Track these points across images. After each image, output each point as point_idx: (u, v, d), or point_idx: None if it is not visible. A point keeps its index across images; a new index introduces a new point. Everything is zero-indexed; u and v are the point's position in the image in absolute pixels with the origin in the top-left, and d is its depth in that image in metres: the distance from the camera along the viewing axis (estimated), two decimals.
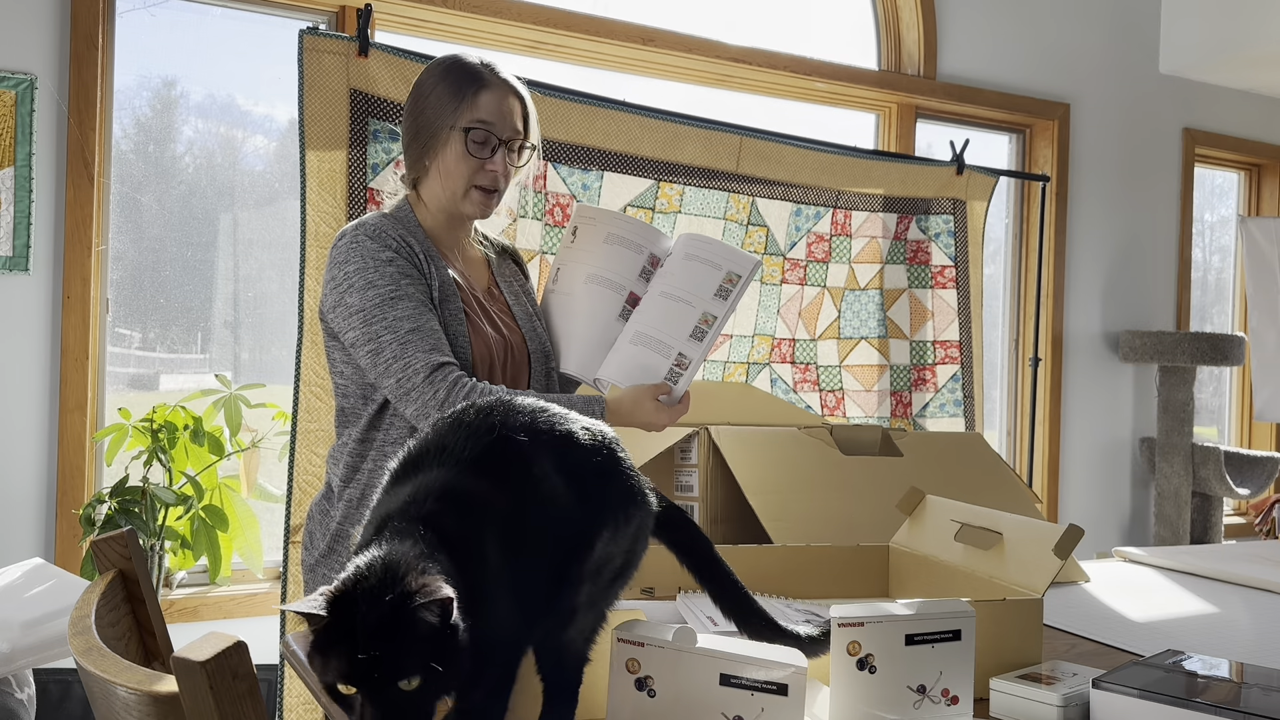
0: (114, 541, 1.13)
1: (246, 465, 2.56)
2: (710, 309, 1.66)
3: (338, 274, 1.58)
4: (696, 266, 1.69)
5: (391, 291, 1.54)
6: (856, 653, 1.05)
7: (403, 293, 1.54)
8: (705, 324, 1.66)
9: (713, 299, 1.66)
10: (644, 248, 1.75)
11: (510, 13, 2.89)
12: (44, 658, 1.98)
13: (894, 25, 3.64)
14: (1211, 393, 4.75)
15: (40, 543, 2.45)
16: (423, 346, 1.52)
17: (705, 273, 1.68)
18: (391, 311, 1.53)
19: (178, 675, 0.74)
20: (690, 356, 1.66)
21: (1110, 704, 1.05)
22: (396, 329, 1.53)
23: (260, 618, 2.62)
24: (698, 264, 1.69)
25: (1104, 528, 4.13)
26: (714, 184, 2.90)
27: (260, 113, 2.88)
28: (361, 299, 1.54)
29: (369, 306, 1.54)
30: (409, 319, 1.53)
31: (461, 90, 1.62)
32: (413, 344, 1.52)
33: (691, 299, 1.67)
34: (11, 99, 2.40)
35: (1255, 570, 1.96)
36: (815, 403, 3.20)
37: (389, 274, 1.55)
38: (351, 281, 1.56)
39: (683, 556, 1.12)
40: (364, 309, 1.54)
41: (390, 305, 1.54)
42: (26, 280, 2.43)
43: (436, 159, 1.64)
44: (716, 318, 1.65)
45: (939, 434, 2.26)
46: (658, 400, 1.64)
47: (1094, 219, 4.07)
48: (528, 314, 1.76)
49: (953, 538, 1.47)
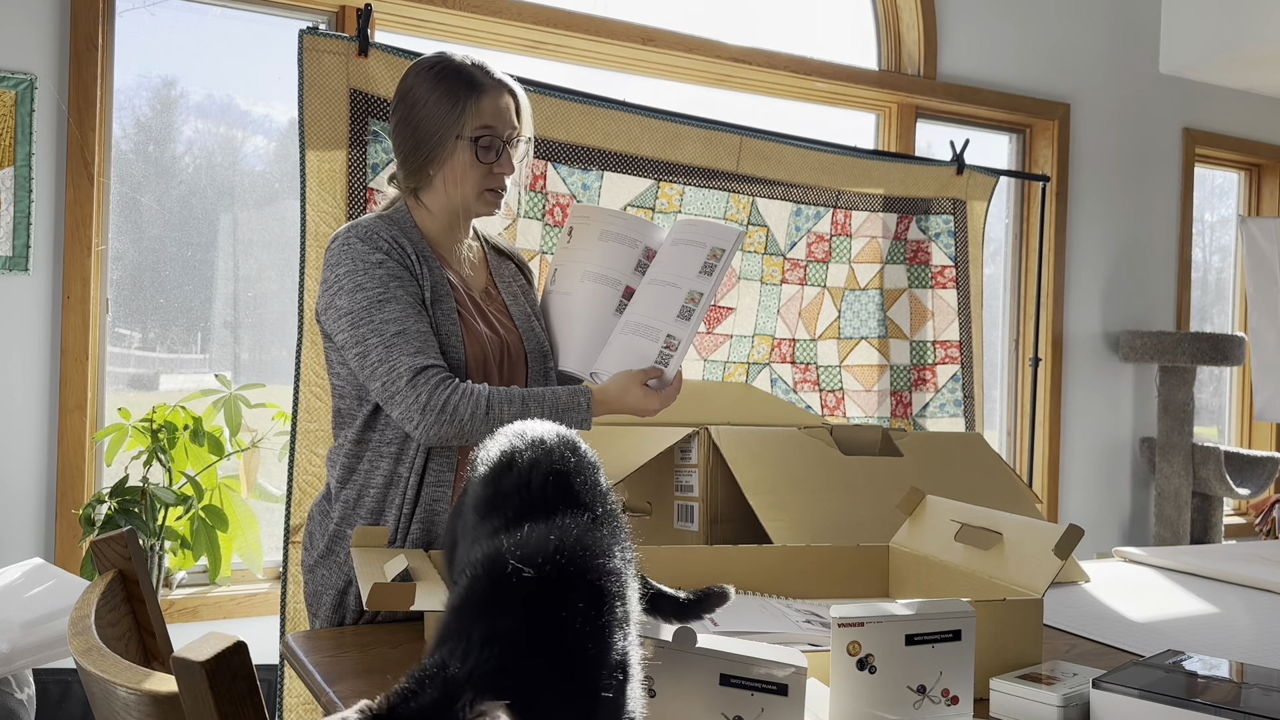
0: (114, 541, 1.13)
1: (246, 465, 2.56)
2: (696, 287, 1.66)
3: (329, 276, 1.59)
4: (683, 249, 1.69)
5: (379, 294, 1.54)
6: (856, 653, 1.05)
7: (390, 295, 1.55)
8: (691, 302, 1.65)
9: (698, 277, 1.66)
10: (638, 241, 1.75)
11: (510, 13, 2.89)
12: (44, 658, 1.98)
13: (894, 25, 3.64)
14: (1211, 393, 4.75)
15: (40, 543, 2.45)
16: (407, 349, 1.52)
17: (690, 253, 1.68)
18: (378, 314, 1.54)
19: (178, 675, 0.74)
20: (679, 336, 1.64)
21: (1110, 704, 1.05)
22: (382, 332, 1.53)
23: (260, 618, 2.62)
24: (684, 246, 1.70)
25: (1104, 528, 4.13)
26: (714, 184, 2.90)
27: (260, 113, 2.88)
28: (350, 301, 1.55)
29: (357, 309, 1.55)
30: (395, 321, 1.54)
31: (461, 97, 1.61)
32: (398, 347, 1.52)
33: (678, 280, 1.67)
34: (11, 99, 2.40)
35: (1255, 570, 1.96)
36: (815, 403, 3.20)
37: (378, 276, 1.55)
38: (341, 284, 1.56)
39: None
40: (352, 311, 1.55)
41: (377, 308, 1.54)
42: (26, 280, 2.43)
43: (443, 168, 1.63)
44: (702, 294, 1.64)
45: (939, 434, 2.26)
46: (646, 385, 1.64)
47: (1094, 219, 4.07)
48: (525, 314, 1.76)
49: (953, 538, 1.47)
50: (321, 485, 2.27)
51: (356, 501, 1.61)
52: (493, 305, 1.72)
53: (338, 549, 1.62)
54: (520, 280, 1.82)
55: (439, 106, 1.62)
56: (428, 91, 1.63)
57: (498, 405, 1.53)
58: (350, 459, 1.62)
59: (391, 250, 1.58)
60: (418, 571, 1.35)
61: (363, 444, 1.62)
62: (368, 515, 1.60)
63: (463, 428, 1.52)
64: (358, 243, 1.58)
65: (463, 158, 1.62)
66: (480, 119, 1.62)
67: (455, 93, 1.61)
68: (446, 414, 1.51)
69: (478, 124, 1.61)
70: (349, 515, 1.61)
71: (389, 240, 1.59)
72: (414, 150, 1.64)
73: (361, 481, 1.61)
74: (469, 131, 1.61)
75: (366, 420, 1.61)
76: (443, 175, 1.64)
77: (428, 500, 1.59)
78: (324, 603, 1.63)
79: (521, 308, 1.76)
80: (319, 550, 1.65)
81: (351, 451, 1.62)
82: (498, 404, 1.53)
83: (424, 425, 1.51)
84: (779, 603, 1.48)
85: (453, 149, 1.62)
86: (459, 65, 1.64)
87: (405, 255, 1.60)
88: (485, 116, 1.62)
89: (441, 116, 1.61)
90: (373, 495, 1.60)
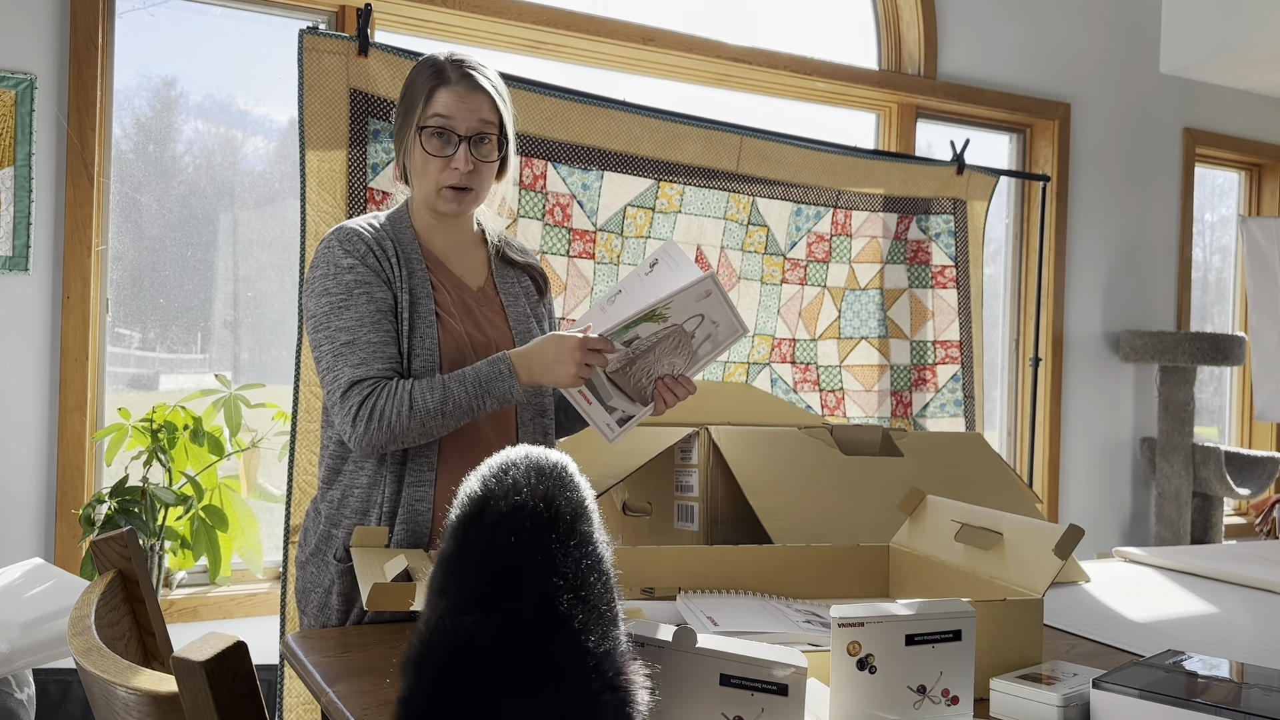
0: (114, 541, 1.13)
1: (246, 465, 2.56)
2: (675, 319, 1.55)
3: (309, 277, 1.61)
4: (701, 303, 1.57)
5: (341, 300, 1.55)
6: (856, 653, 1.05)
7: (351, 302, 1.55)
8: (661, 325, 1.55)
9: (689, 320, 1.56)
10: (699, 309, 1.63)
11: (510, 13, 2.89)
12: (44, 658, 1.98)
13: (894, 25, 3.63)
14: (1212, 393, 4.75)
15: (40, 543, 2.45)
16: (351, 360, 1.53)
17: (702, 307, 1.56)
18: (335, 321, 1.55)
19: (177, 675, 0.74)
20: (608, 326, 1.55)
21: (1110, 704, 1.05)
22: (334, 339, 1.55)
23: (260, 618, 2.62)
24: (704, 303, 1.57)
25: (1104, 528, 4.13)
26: (714, 184, 2.90)
27: (260, 113, 2.88)
28: (315, 305, 1.58)
29: (319, 314, 1.57)
30: (348, 330, 1.54)
31: (421, 89, 1.62)
32: (344, 357, 1.53)
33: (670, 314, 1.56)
34: (11, 99, 2.40)
35: (1255, 570, 1.96)
36: (815, 403, 3.20)
37: (344, 282, 1.56)
38: (313, 286, 1.59)
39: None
40: (315, 315, 1.58)
41: (335, 314, 1.55)
42: (26, 280, 2.43)
43: (409, 160, 1.65)
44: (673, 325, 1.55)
45: (939, 434, 2.26)
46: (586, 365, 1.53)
47: (1094, 219, 4.07)
48: (523, 315, 1.75)
49: (953, 538, 1.47)
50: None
51: (341, 502, 1.62)
52: (488, 305, 1.71)
53: (325, 549, 1.63)
54: (525, 283, 1.80)
55: (405, 98, 1.64)
56: (406, 85, 1.65)
57: (420, 396, 1.51)
58: (334, 459, 1.64)
59: (366, 255, 1.58)
60: (418, 571, 1.35)
61: (346, 445, 1.62)
62: (352, 515, 1.60)
63: (393, 429, 1.51)
64: (335, 245, 1.59)
65: (417, 149, 1.62)
66: (434, 108, 1.60)
67: (419, 83, 1.62)
68: (375, 419, 1.51)
69: (430, 113, 1.60)
70: (334, 515, 1.62)
71: (367, 243, 1.59)
72: (397, 142, 1.67)
73: (346, 482, 1.62)
74: (421, 121, 1.61)
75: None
76: (412, 168, 1.65)
77: (409, 500, 1.59)
78: (311, 600, 1.63)
79: (520, 309, 1.75)
80: (310, 548, 1.66)
81: (335, 453, 1.64)
82: (420, 394, 1.51)
83: (355, 435, 1.52)
84: (779, 603, 1.48)
85: (414, 141, 1.62)
86: (434, 58, 1.64)
87: (383, 258, 1.60)
88: (439, 106, 1.59)
89: (407, 109, 1.63)
90: (357, 496, 1.60)
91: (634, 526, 2.10)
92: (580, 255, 2.72)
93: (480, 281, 1.73)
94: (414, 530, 1.59)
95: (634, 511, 2.09)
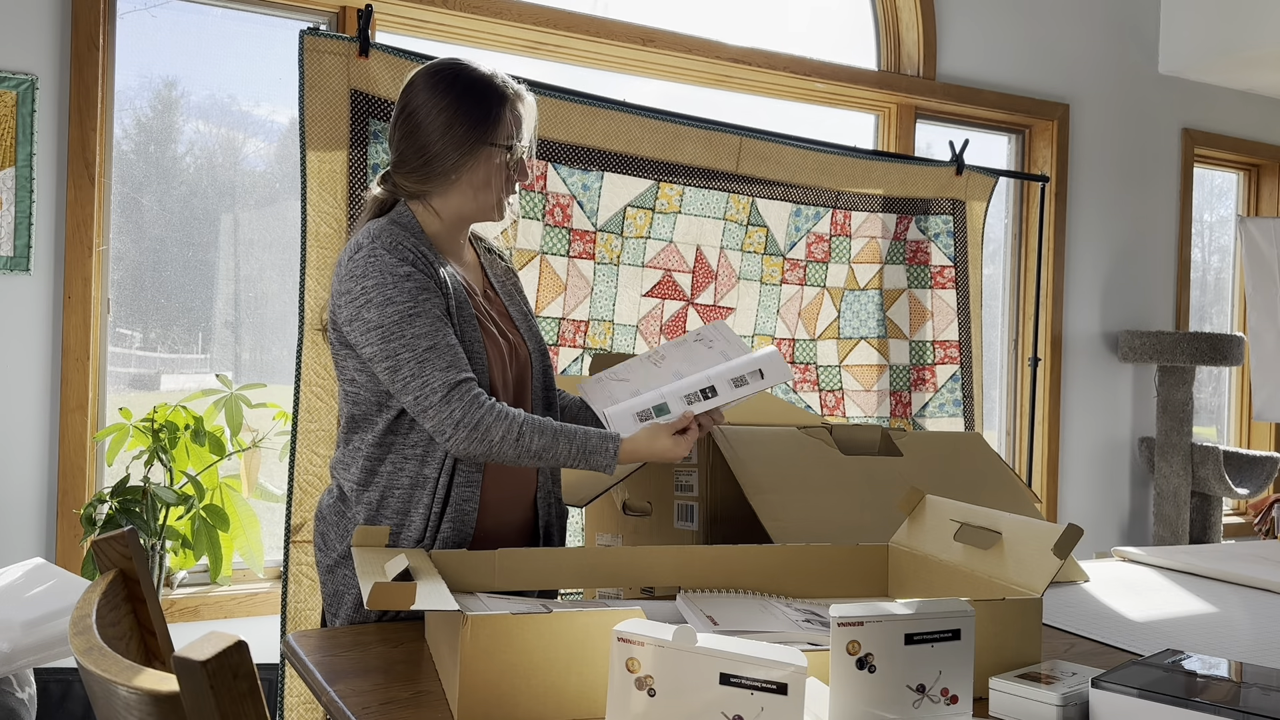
0: (115, 541, 1.14)
1: (247, 465, 2.56)
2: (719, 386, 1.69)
3: (354, 288, 1.57)
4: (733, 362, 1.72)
5: (410, 308, 1.55)
6: (856, 652, 1.05)
7: (420, 309, 1.56)
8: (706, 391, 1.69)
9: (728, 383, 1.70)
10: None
11: (510, 13, 2.89)
12: (45, 657, 1.98)
13: (893, 25, 3.64)
14: (1211, 393, 4.75)
15: (41, 542, 2.45)
16: (439, 365, 1.54)
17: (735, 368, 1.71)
18: (409, 329, 1.55)
19: (178, 675, 0.74)
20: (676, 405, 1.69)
21: (1109, 703, 1.06)
22: (414, 347, 1.55)
23: (261, 617, 2.62)
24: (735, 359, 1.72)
25: (1103, 527, 4.14)
26: (714, 184, 2.91)
27: (261, 113, 2.88)
28: (380, 315, 1.55)
29: (387, 323, 1.55)
30: (426, 336, 1.55)
31: (492, 106, 1.65)
32: (430, 362, 1.54)
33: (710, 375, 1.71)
34: (12, 99, 2.40)
35: (1255, 570, 1.96)
36: (815, 403, 3.20)
37: (407, 290, 1.56)
38: (370, 297, 1.56)
39: None
40: (382, 325, 1.55)
41: (408, 323, 1.55)
42: (27, 280, 2.43)
43: (470, 174, 1.65)
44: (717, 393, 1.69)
45: (939, 434, 2.26)
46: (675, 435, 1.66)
47: (1093, 219, 4.07)
48: (523, 314, 1.78)
49: (952, 537, 1.47)
50: (322, 485, 2.27)
51: (380, 503, 1.62)
52: (494, 308, 1.73)
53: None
54: (512, 278, 1.84)
55: (476, 111, 1.64)
56: (457, 98, 1.64)
57: (529, 433, 1.56)
58: (371, 461, 1.63)
59: (418, 261, 1.59)
60: (418, 571, 1.35)
61: (384, 448, 1.63)
62: (393, 515, 1.61)
63: (492, 447, 1.55)
64: (385, 254, 1.57)
65: (490, 165, 1.65)
66: (523, 132, 1.68)
67: (486, 101, 1.65)
68: (479, 432, 1.54)
69: (509, 133, 1.66)
70: (374, 517, 1.62)
71: (414, 251, 1.60)
72: (438, 156, 1.64)
73: (384, 484, 1.62)
74: (502, 139, 1.65)
75: (389, 425, 1.62)
76: (469, 181, 1.66)
77: (458, 500, 1.62)
78: (345, 602, 1.64)
79: (519, 307, 1.78)
80: (338, 551, 1.65)
81: (372, 454, 1.63)
82: (529, 432, 1.56)
83: (455, 440, 1.55)
84: (778, 602, 1.48)
85: (487, 155, 1.65)
86: (502, 77, 1.69)
87: (428, 265, 1.60)
88: (527, 130, 1.69)
89: (476, 122, 1.64)
90: (398, 496, 1.61)
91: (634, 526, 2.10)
92: (580, 255, 2.73)
93: (481, 285, 1.75)
94: (459, 529, 1.62)
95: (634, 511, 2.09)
